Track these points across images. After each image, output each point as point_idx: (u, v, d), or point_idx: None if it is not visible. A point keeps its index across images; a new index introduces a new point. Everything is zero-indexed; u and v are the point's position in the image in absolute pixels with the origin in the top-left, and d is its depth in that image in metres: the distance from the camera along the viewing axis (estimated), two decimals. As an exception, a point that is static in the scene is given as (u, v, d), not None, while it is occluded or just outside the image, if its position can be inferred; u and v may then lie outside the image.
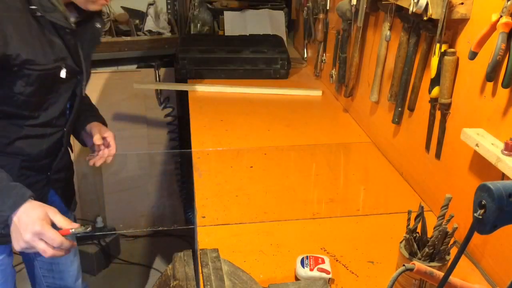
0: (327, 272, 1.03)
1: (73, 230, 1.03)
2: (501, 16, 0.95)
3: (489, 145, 0.99)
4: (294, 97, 2.14)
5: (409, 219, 0.97)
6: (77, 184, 2.73)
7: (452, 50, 1.16)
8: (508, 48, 0.95)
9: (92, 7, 1.18)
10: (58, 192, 1.42)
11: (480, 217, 0.54)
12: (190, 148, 1.66)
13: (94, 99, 2.64)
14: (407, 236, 0.97)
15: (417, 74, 1.34)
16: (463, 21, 1.13)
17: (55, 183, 1.38)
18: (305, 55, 2.56)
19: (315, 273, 1.02)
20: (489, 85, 1.04)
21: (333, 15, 2.01)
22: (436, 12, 1.13)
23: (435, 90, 1.22)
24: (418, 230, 0.98)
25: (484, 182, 0.54)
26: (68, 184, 1.49)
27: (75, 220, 1.31)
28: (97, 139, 1.40)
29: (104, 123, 1.49)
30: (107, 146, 1.44)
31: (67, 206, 1.47)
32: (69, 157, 1.45)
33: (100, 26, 1.32)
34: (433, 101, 1.25)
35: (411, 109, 1.39)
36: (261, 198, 1.38)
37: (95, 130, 1.42)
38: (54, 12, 1.12)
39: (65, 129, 1.31)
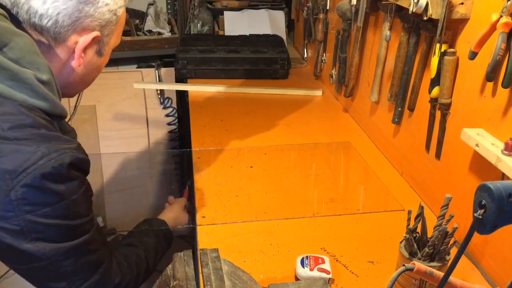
0: (327, 272, 1.03)
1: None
2: (501, 16, 0.95)
3: (489, 145, 0.99)
4: (294, 97, 2.14)
5: (409, 219, 0.97)
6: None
7: (452, 50, 1.16)
8: (508, 48, 0.95)
9: None
10: None
11: (480, 217, 0.54)
12: (190, 148, 1.67)
13: (94, 99, 2.67)
14: (407, 236, 0.97)
15: (417, 74, 1.34)
16: (463, 21, 1.13)
17: None
18: (305, 55, 2.56)
19: (315, 273, 1.02)
20: (489, 85, 1.04)
21: (333, 15, 2.01)
22: (436, 12, 1.12)
23: (435, 90, 1.22)
24: (418, 230, 0.98)
25: (484, 182, 0.54)
26: None
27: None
28: None
29: None
30: None
31: None
32: None
33: None
34: (433, 101, 1.25)
35: (411, 109, 1.39)
36: (261, 198, 1.38)
37: None
38: None
39: None
